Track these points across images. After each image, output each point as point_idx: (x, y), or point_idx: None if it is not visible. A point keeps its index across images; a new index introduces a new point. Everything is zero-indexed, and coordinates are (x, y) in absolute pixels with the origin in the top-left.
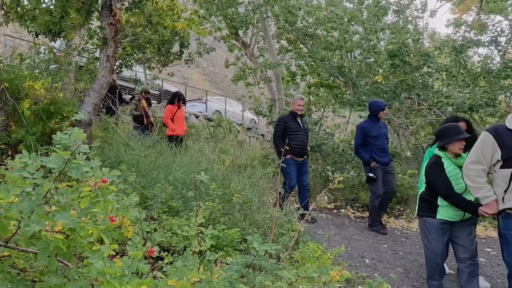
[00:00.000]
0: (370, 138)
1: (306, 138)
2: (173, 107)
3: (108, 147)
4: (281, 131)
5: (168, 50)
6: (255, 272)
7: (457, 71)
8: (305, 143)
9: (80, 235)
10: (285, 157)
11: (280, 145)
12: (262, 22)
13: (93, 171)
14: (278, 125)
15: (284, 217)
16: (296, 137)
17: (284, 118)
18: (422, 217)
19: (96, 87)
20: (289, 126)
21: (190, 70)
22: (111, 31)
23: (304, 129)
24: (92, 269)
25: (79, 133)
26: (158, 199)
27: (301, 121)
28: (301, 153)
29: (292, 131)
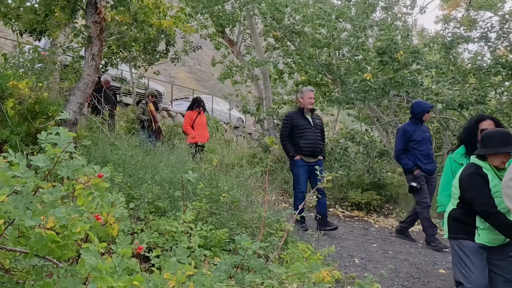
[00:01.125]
0: (413, 143)
1: (318, 135)
2: (193, 113)
3: (94, 147)
4: (288, 130)
5: (154, 48)
6: (244, 273)
7: (446, 68)
8: (318, 142)
9: (72, 231)
10: (293, 158)
11: (288, 146)
12: (248, 19)
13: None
14: (284, 124)
15: (273, 216)
16: (306, 135)
17: (291, 116)
18: (455, 240)
19: (81, 86)
20: (296, 123)
21: (176, 68)
22: (96, 29)
23: (315, 126)
24: (86, 265)
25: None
26: (145, 199)
27: (311, 117)
28: (313, 152)
29: (300, 129)
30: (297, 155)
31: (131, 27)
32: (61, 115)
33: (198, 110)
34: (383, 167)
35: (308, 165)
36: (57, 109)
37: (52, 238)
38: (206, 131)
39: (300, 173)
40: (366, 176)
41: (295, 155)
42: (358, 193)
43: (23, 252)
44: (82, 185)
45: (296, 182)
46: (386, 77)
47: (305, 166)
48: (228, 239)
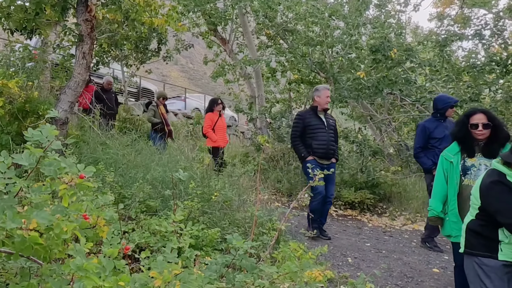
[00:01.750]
0: (434, 141)
1: (332, 136)
2: (213, 115)
3: (85, 146)
4: (299, 130)
5: (145, 47)
6: (235, 272)
7: (440, 66)
8: (331, 143)
9: (55, 232)
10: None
11: (299, 147)
12: (241, 17)
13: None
14: (295, 124)
15: (265, 216)
16: (318, 135)
17: (303, 115)
18: (474, 256)
19: (72, 84)
20: (309, 123)
21: (168, 67)
22: (86, 27)
23: (329, 126)
24: (71, 264)
25: (51, 129)
26: (136, 198)
27: (324, 116)
28: (326, 154)
29: (312, 129)
30: (309, 155)
31: (122, 25)
32: (50, 113)
33: (218, 111)
34: (377, 166)
35: (321, 167)
36: (47, 108)
37: (35, 240)
38: (226, 134)
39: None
40: (360, 175)
41: (308, 155)
42: (352, 192)
43: (8, 253)
44: (65, 185)
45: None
46: (379, 75)
47: (318, 167)
48: (220, 239)
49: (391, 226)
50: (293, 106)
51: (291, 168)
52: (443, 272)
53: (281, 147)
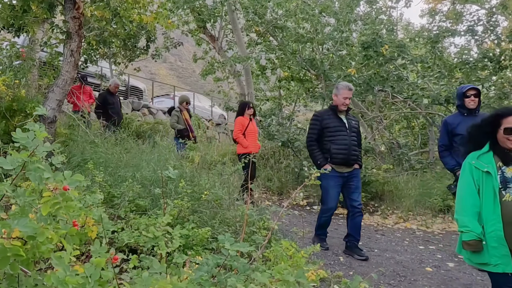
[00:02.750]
0: (458, 137)
1: (354, 140)
2: (244, 119)
3: (73, 145)
4: (316, 133)
5: (134, 44)
6: (226, 273)
7: (432, 62)
8: (353, 147)
9: (40, 241)
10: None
11: (315, 152)
12: (230, 14)
13: (53, 176)
14: (311, 125)
15: (256, 215)
16: (338, 139)
17: (320, 115)
18: None
19: (60, 82)
20: (327, 125)
21: (157, 65)
22: (74, 24)
23: (351, 128)
24: (52, 278)
25: (39, 131)
26: (125, 197)
27: (346, 117)
28: (347, 161)
29: (331, 131)
30: (326, 163)
31: (110, 22)
32: (37, 110)
33: (249, 115)
34: (368, 164)
35: (340, 176)
36: (35, 107)
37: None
38: (257, 139)
39: (329, 185)
40: None
41: (324, 163)
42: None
43: None
44: (50, 193)
45: (325, 196)
46: (370, 72)
47: (336, 177)
48: (211, 238)
49: (383, 224)
50: (283, 104)
51: (281, 167)
52: (436, 271)
53: (272, 145)
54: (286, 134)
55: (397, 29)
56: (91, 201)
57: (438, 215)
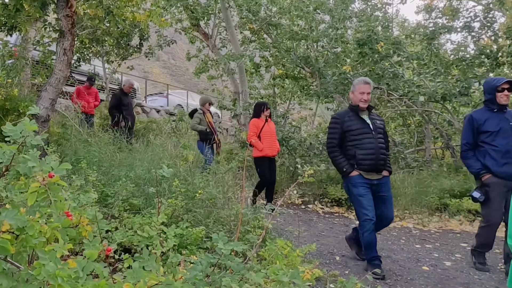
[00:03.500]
0: (485, 135)
1: (381, 142)
2: (259, 121)
3: (67, 144)
4: (338, 138)
5: (127, 43)
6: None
7: (428, 59)
8: (381, 151)
9: (29, 234)
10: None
11: (339, 159)
12: (224, 12)
13: (40, 166)
14: (331, 130)
15: (250, 213)
16: (364, 143)
17: (340, 117)
18: None
19: (53, 81)
20: (349, 127)
21: (150, 63)
22: (67, 23)
23: (376, 129)
24: (42, 272)
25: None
26: (119, 196)
27: (369, 117)
28: (375, 166)
29: (355, 134)
30: (353, 169)
31: (103, 20)
32: (31, 109)
33: (265, 116)
34: None
35: (370, 184)
36: (28, 106)
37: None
38: (276, 141)
39: (361, 193)
40: None
41: (350, 170)
42: (338, 189)
43: None
44: (39, 183)
45: (359, 206)
46: (366, 70)
47: (365, 186)
48: (205, 237)
49: None
50: (278, 102)
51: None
52: (433, 270)
53: None
54: (281, 132)
55: (392, 26)
56: (85, 201)
57: (434, 214)
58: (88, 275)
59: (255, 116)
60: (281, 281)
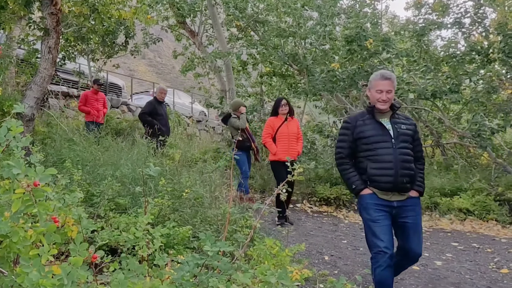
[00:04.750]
0: None
1: (405, 154)
2: (276, 120)
3: (52, 143)
4: (347, 147)
5: (113, 40)
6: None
7: (418, 56)
8: (403, 165)
9: (13, 241)
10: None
11: (348, 174)
12: (210, 9)
13: (24, 172)
14: (340, 137)
15: (238, 213)
16: (378, 153)
17: (352, 121)
18: None
19: (38, 80)
20: (361, 134)
21: (136, 61)
22: (52, 21)
23: (398, 137)
24: (26, 280)
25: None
26: (105, 196)
27: (390, 121)
28: (394, 185)
29: (367, 143)
30: (365, 187)
31: (89, 18)
32: (16, 108)
33: (283, 114)
34: None
35: (387, 206)
36: (12, 105)
37: None
38: (295, 143)
39: (374, 217)
40: (335, 170)
41: (361, 187)
42: (327, 188)
43: None
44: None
45: (370, 234)
46: (354, 67)
47: (381, 206)
48: (192, 236)
49: None
50: (265, 100)
51: (264, 164)
52: (424, 269)
53: None
54: None
55: (381, 23)
56: (70, 201)
57: (425, 213)
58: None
59: (272, 114)
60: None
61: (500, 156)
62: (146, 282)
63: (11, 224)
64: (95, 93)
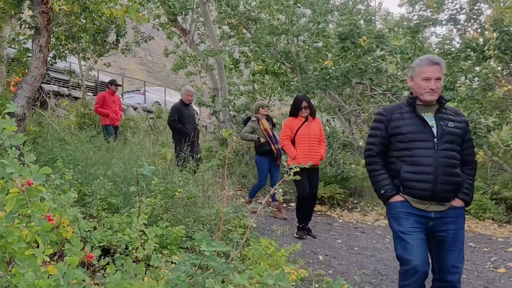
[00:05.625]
0: None
1: (449, 156)
2: (294, 121)
3: (43, 143)
4: (379, 143)
5: (104, 39)
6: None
7: (412, 53)
8: (445, 170)
9: (8, 241)
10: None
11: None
12: (202, 6)
13: (18, 172)
14: (372, 132)
15: (232, 212)
16: (416, 155)
17: (387, 113)
18: None
19: (29, 79)
20: (397, 130)
21: (127, 60)
22: (43, 19)
23: (443, 136)
24: (21, 281)
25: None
26: (97, 195)
27: (435, 116)
28: (433, 193)
29: (404, 141)
30: (397, 193)
31: (80, 17)
32: (8, 107)
33: (303, 115)
34: (346, 159)
35: (422, 217)
36: (3, 104)
37: None
38: (317, 146)
39: (405, 229)
40: (329, 169)
41: (392, 193)
42: (321, 187)
43: None
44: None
45: (399, 248)
46: (348, 64)
47: (415, 217)
48: (185, 236)
49: (362, 221)
50: (258, 98)
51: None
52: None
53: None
54: None
55: (375, 19)
56: (65, 201)
57: None
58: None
59: (291, 114)
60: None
61: (496, 154)
62: (143, 283)
63: (6, 224)
64: (112, 95)
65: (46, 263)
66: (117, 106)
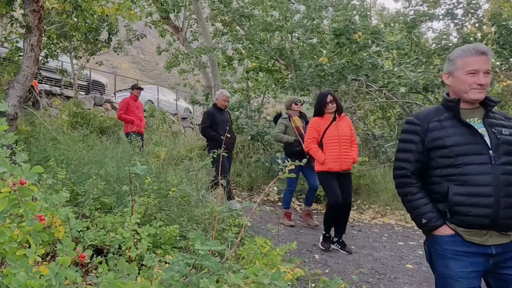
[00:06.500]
0: None
1: (509, 171)
2: (321, 121)
3: (35, 142)
4: (414, 160)
5: (95, 37)
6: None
7: (409, 49)
8: (509, 190)
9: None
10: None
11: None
12: (194, 4)
13: (10, 171)
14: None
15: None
16: (469, 172)
17: (421, 121)
18: None
19: (20, 78)
20: (438, 142)
21: (119, 58)
22: (34, 18)
23: (498, 146)
24: (13, 281)
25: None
26: (90, 195)
27: (484, 121)
28: (495, 221)
29: (451, 155)
30: (443, 223)
31: (71, 15)
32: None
33: (330, 113)
34: None
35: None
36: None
37: None
38: (348, 148)
39: (456, 274)
40: None
41: (437, 223)
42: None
43: None
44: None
45: None
46: (343, 61)
47: (470, 255)
48: (179, 236)
49: (359, 220)
50: (252, 95)
51: (251, 161)
52: (418, 268)
53: (240, 139)
54: (255, 127)
55: (371, 15)
56: (57, 201)
57: None
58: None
59: (315, 114)
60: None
61: None
62: (136, 283)
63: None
64: (135, 100)
65: (38, 263)
66: (141, 112)
